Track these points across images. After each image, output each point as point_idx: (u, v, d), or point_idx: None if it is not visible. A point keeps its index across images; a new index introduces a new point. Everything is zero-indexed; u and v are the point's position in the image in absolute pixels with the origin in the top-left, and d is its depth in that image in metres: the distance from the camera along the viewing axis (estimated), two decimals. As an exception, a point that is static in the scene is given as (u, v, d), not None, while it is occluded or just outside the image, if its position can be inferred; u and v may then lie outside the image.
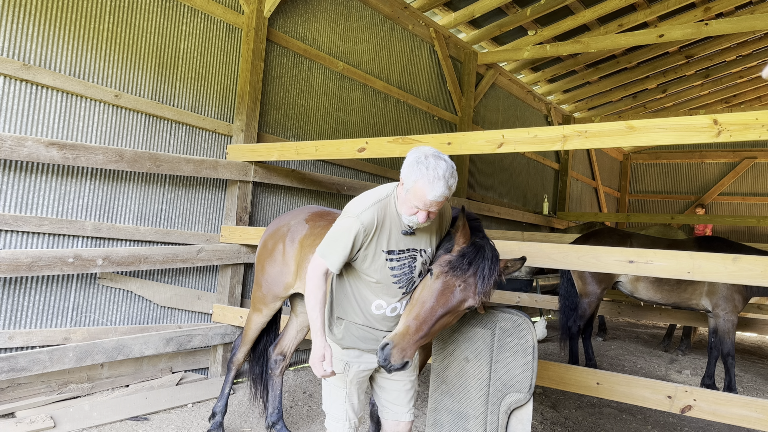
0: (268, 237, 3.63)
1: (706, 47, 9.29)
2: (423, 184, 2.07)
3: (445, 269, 2.24)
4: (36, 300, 3.91)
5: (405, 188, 2.14)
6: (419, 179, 2.08)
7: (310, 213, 3.60)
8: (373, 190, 2.33)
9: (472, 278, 2.23)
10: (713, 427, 4.76)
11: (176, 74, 4.69)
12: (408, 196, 2.13)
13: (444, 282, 2.23)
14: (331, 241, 2.25)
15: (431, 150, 2.17)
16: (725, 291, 5.57)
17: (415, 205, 2.12)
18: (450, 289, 2.23)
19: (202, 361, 4.88)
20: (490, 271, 2.25)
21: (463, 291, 2.23)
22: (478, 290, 2.23)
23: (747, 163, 13.53)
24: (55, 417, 3.62)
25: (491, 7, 7.24)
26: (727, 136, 2.78)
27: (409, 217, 2.18)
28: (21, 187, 3.78)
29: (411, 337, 2.18)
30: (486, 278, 2.24)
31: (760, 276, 2.80)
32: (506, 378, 2.39)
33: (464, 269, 2.23)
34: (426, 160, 2.11)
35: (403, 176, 2.16)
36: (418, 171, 2.09)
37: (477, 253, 2.26)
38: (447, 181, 2.09)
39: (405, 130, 7.30)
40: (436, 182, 2.07)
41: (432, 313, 2.21)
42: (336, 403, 2.40)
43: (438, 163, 2.10)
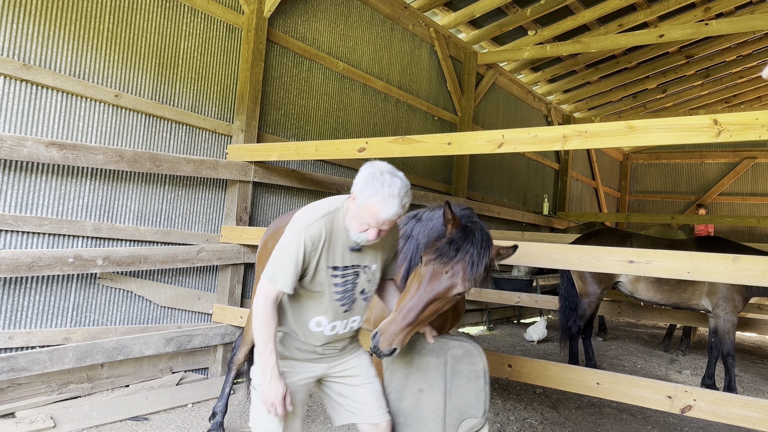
0: (269, 237, 3.64)
1: (706, 47, 9.29)
2: (377, 201, 2.01)
3: (433, 256, 2.22)
4: (36, 300, 3.91)
5: (357, 203, 2.06)
6: (373, 196, 2.02)
7: None
8: (322, 201, 2.23)
9: (459, 264, 2.20)
10: (713, 427, 4.76)
11: (176, 74, 4.69)
12: (360, 212, 2.06)
13: (432, 269, 2.21)
14: (278, 260, 2.11)
15: (386, 166, 2.11)
16: (725, 291, 5.57)
17: (367, 222, 2.06)
18: (437, 276, 2.20)
19: (202, 361, 4.88)
20: (480, 256, 2.22)
21: (451, 278, 2.20)
22: (467, 276, 2.20)
23: (747, 163, 13.53)
24: (55, 417, 3.62)
25: (491, 7, 7.24)
26: (727, 136, 2.78)
27: (358, 234, 2.11)
28: (21, 187, 3.78)
29: (398, 324, 2.17)
30: (475, 264, 2.21)
31: (760, 276, 2.80)
32: (461, 405, 2.36)
33: (451, 256, 2.21)
34: (381, 177, 2.04)
35: (355, 191, 2.08)
36: (372, 187, 2.02)
37: (466, 239, 2.24)
38: (402, 199, 2.04)
39: (405, 130, 7.30)
40: (391, 200, 2.01)
41: (419, 300, 2.19)
42: (268, 416, 2.22)
43: (393, 181, 2.04)
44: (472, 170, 8.87)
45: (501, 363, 3.49)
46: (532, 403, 5.00)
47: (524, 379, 3.42)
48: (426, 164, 7.81)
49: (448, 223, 2.30)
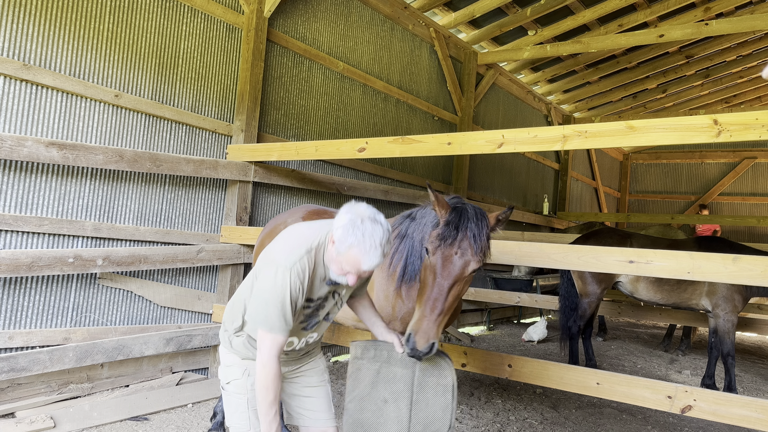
0: (266, 236, 3.64)
1: (706, 47, 9.29)
2: (358, 253, 1.99)
3: (437, 243, 2.25)
4: (36, 300, 3.91)
5: (337, 249, 2.03)
6: (354, 246, 1.98)
7: (306, 211, 3.61)
8: (302, 232, 2.18)
9: (465, 242, 2.24)
10: (713, 427, 4.76)
11: (176, 74, 4.69)
12: (340, 258, 2.03)
13: (441, 255, 2.24)
14: (269, 307, 2.04)
15: (368, 211, 2.07)
16: (725, 291, 5.57)
17: (347, 269, 2.05)
18: (449, 259, 2.24)
19: (202, 361, 4.88)
20: (479, 227, 2.26)
21: (462, 257, 2.24)
22: (475, 250, 2.24)
23: (747, 163, 13.53)
24: (55, 417, 3.62)
25: (491, 7, 7.24)
26: (727, 136, 2.78)
27: (337, 276, 2.09)
28: (21, 187, 3.78)
29: (429, 318, 2.19)
30: (477, 237, 2.25)
31: (760, 276, 2.80)
32: (426, 418, 2.33)
33: (454, 236, 2.23)
34: (363, 225, 2.00)
35: (336, 236, 2.03)
36: (353, 236, 1.99)
37: (461, 216, 2.27)
38: (383, 248, 2.03)
39: (405, 130, 7.30)
40: (372, 252, 1.99)
41: (441, 289, 2.22)
42: (238, 412, 2.25)
43: (375, 229, 2.01)
44: (472, 170, 8.87)
45: (501, 363, 3.49)
46: (532, 403, 5.00)
47: (524, 379, 3.42)
48: (426, 164, 7.81)
49: (436, 206, 2.33)
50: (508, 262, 3.54)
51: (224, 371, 2.33)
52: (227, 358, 2.33)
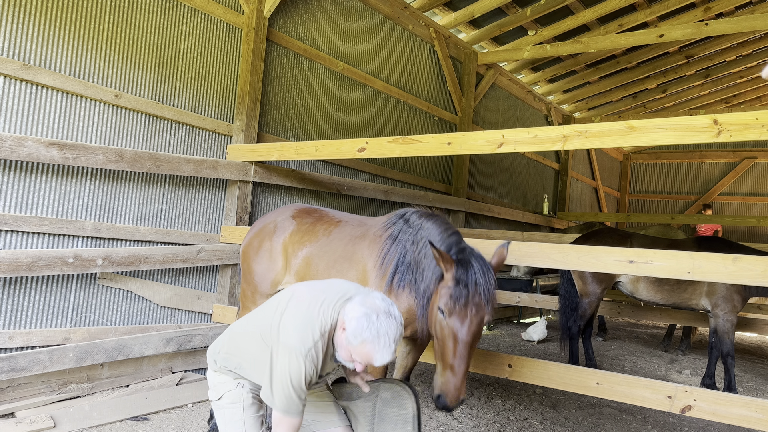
0: (254, 236, 3.65)
1: (706, 47, 9.29)
2: (371, 349, 2.01)
3: (452, 304, 2.29)
4: (36, 300, 3.91)
5: (348, 339, 2.04)
6: (368, 342, 2.00)
7: (295, 210, 3.62)
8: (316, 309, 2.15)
9: (477, 297, 2.30)
10: (713, 427, 4.76)
11: (176, 74, 4.69)
12: (351, 349, 2.05)
13: (458, 317, 2.29)
14: (285, 390, 2.05)
15: (382, 304, 2.08)
16: (724, 291, 5.57)
17: (357, 360, 2.07)
18: (465, 318, 2.29)
19: (202, 361, 4.88)
20: (487, 281, 2.33)
21: (477, 313, 2.30)
22: (487, 305, 2.31)
23: (747, 163, 13.53)
24: (55, 417, 3.62)
25: (491, 7, 7.24)
26: (727, 136, 2.78)
27: (345, 361, 2.12)
28: (21, 187, 3.78)
29: (457, 379, 2.26)
30: (487, 290, 2.31)
31: (761, 276, 2.80)
32: None
33: (465, 294, 2.28)
34: (378, 321, 2.01)
35: (349, 328, 2.04)
36: (368, 332, 2.00)
37: (467, 272, 2.32)
38: (396, 343, 2.06)
39: (405, 130, 7.30)
40: (386, 350, 2.02)
41: (464, 347, 2.29)
42: (233, 422, 2.25)
43: (389, 326, 2.02)
44: (472, 170, 8.87)
45: (501, 363, 3.49)
46: (532, 403, 5.00)
47: (524, 379, 3.42)
48: (426, 164, 7.81)
49: (440, 262, 2.36)
50: (508, 262, 3.53)
51: (215, 388, 2.32)
52: (217, 378, 2.32)
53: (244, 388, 2.27)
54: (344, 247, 3.16)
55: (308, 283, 2.34)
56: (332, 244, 3.22)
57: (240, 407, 2.26)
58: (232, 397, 2.27)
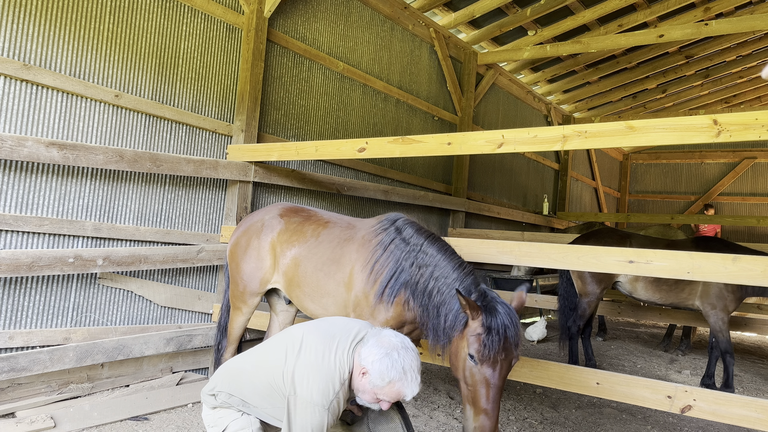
0: (241, 234, 3.65)
1: (706, 47, 9.29)
2: (401, 387, 2.07)
3: (485, 352, 2.33)
4: (36, 300, 3.91)
5: (373, 383, 2.07)
6: (396, 381, 2.06)
7: (283, 208, 3.62)
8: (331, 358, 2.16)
9: (506, 343, 2.35)
10: (713, 427, 4.76)
11: (176, 74, 4.69)
12: (377, 391, 2.08)
13: (490, 364, 2.34)
14: None
15: (396, 339, 2.14)
16: (717, 291, 5.60)
17: (386, 399, 2.10)
18: (496, 364, 2.35)
19: (202, 361, 4.88)
20: (514, 326, 2.39)
21: (507, 358, 2.36)
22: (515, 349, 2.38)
23: (747, 163, 13.53)
24: (56, 417, 3.62)
25: (491, 7, 7.24)
26: (727, 136, 2.78)
27: (368, 404, 2.14)
28: (21, 187, 3.79)
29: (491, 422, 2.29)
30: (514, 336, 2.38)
31: (760, 276, 2.80)
32: None
33: (496, 341, 2.33)
34: (399, 357, 2.07)
35: (372, 371, 2.07)
36: (394, 371, 2.05)
37: (495, 318, 2.37)
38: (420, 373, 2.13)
39: (405, 130, 7.30)
40: (414, 383, 2.10)
41: (497, 392, 2.33)
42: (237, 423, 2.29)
43: (411, 357, 2.10)
44: (472, 170, 8.88)
45: (501, 363, 3.49)
46: (532, 403, 5.00)
47: (524, 379, 3.42)
48: (426, 164, 7.81)
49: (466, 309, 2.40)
50: (508, 262, 3.54)
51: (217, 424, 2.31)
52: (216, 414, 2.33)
53: (250, 416, 2.28)
54: (332, 250, 3.18)
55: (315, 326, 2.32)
56: (321, 246, 3.25)
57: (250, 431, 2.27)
58: (240, 424, 2.26)
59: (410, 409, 4.53)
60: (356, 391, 2.15)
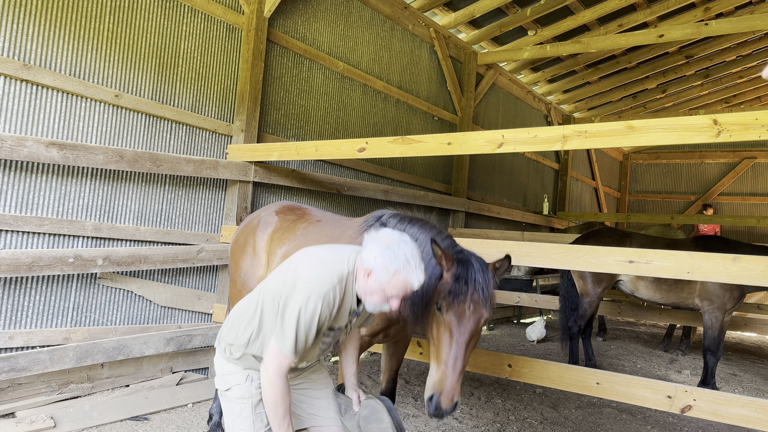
0: (240, 232, 3.67)
1: (706, 47, 9.29)
2: (406, 275, 2.02)
3: (450, 300, 2.27)
4: (36, 300, 3.91)
5: (378, 279, 2.03)
6: (400, 271, 2.01)
7: (280, 206, 3.64)
8: (331, 258, 2.15)
9: (476, 295, 2.27)
10: (713, 427, 4.76)
11: (176, 74, 4.69)
12: (383, 287, 2.03)
13: (456, 312, 2.26)
14: (289, 326, 2.02)
15: (394, 234, 2.10)
16: (714, 289, 5.62)
17: (394, 294, 2.05)
18: (463, 315, 2.26)
19: (202, 361, 4.88)
20: (486, 280, 2.30)
21: (474, 312, 2.27)
22: (485, 303, 2.28)
23: (747, 163, 13.53)
24: (56, 417, 3.62)
25: (491, 7, 7.24)
26: (727, 136, 2.78)
27: (377, 305, 2.09)
28: (21, 187, 3.79)
29: (451, 377, 2.20)
30: (486, 288, 2.29)
31: (761, 276, 2.80)
32: None
33: (465, 290, 2.27)
34: (399, 249, 2.03)
35: (376, 267, 2.03)
36: (397, 261, 2.01)
37: (467, 269, 2.31)
38: (422, 263, 2.08)
39: (405, 130, 7.30)
40: (419, 270, 2.05)
41: (460, 345, 2.24)
42: (241, 418, 2.23)
43: (412, 249, 2.06)
44: (472, 170, 8.88)
45: (501, 363, 3.49)
46: (532, 403, 5.00)
47: (524, 379, 3.42)
48: (426, 164, 7.81)
49: (442, 260, 2.35)
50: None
51: (223, 379, 2.29)
52: (226, 367, 2.29)
53: (253, 383, 2.24)
54: None
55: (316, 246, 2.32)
56: (308, 243, 3.24)
57: (249, 404, 2.23)
58: (240, 392, 2.24)
59: (410, 408, 4.54)
60: (364, 296, 2.11)
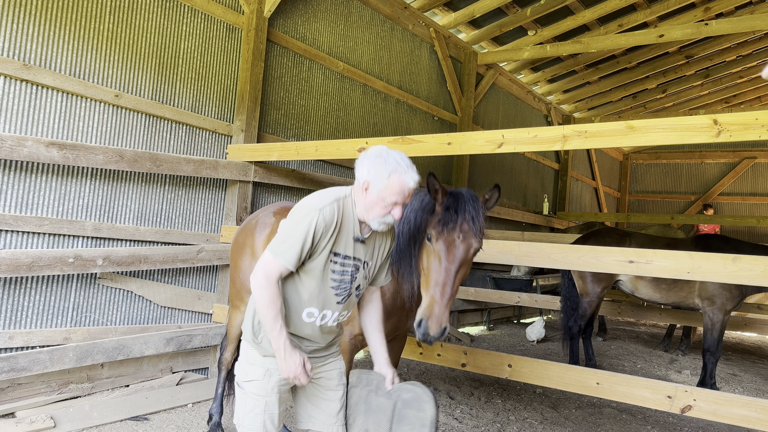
0: (239, 233, 3.67)
1: (706, 47, 9.28)
2: (400, 175, 2.09)
3: (440, 228, 2.30)
4: (36, 300, 3.91)
5: (376, 188, 2.09)
6: (394, 172, 2.09)
7: (279, 207, 3.64)
8: (328, 189, 2.23)
9: (465, 224, 2.30)
10: (713, 427, 4.76)
11: (176, 74, 4.69)
12: (382, 194, 2.10)
13: (445, 240, 2.29)
14: (286, 236, 2.08)
15: (380, 147, 2.20)
16: (713, 289, 5.61)
17: (393, 200, 2.11)
18: (453, 243, 2.29)
19: (202, 361, 4.88)
20: (476, 210, 2.33)
21: (465, 240, 2.29)
22: (475, 231, 2.30)
23: (747, 163, 13.53)
24: (55, 417, 3.62)
25: (491, 7, 7.24)
26: (727, 136, 2.78)
27: (382, 219, 2.14)
28: (21, 187, 3.78)
29: (440, 303, 2.22)
30: (476, 218, 2.32)
31: (761, 276, 2.80)
32: None
33: (455, 219, 2.29)
34: (388, 155, 2.13)
35: (369, 177, 2.10)
36: (387, 166, 2.09)
37: (457, 200, 2.34)
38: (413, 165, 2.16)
39: (405, 130, 7.30)
40: (411, 169, 2.13)
41: (448, 273, 2.25)
42: (252, 414, 2.21)
43: (399, 154, 2.16)
44: (472, 170, 8.87)
45: (501, 363, 3.49)
46: (532, 403, 5.00)
47: (524, 379, 3.42)
48: (426, 164, 7.81)
49: (437, 193, 2.39)
50: (508, 262, 3.54)
51: (244, 368, 2.26)
52: (249, 354, 2.27)
53: (271, 379, 2.22)
54: None
55: None
56: None
57: (263, 402, 2.21)
58: (257, 388, 2.22)
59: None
60: (366, 215, 2.16)
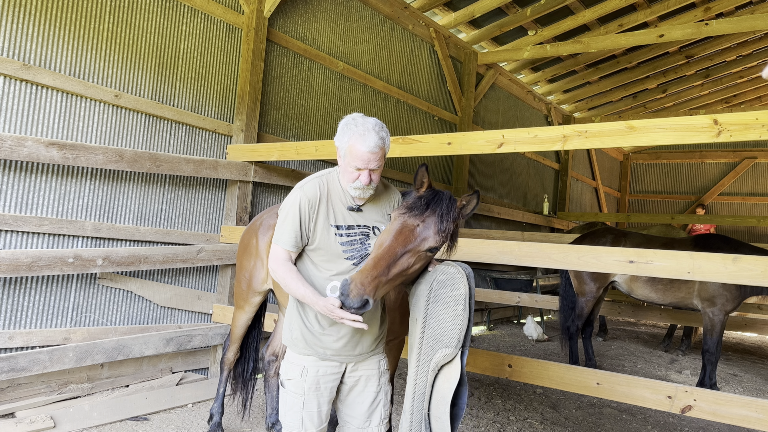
0: (244, 233, 3.69)
1: (706, 47, 9.29)
2: (356, 140, 2.15)
3: (403, 211, 2.27)
4: (36, 300, 3.91)
5: (342, 156, 2.21)
6: (351, 137, 2.16)
7: None
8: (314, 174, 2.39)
9: (431, 218, 2.24)
10: (713, 427, 4.76)
11: (176, 74, 4.69)
12: (347, 161, 2.19)
13: (402, 222, 2.23)
14: (279, 223, 2.27)
15: (358, 113, 2.26)
16: (713, 290, 5.60)
17: (355, 166, 2.17)
18: (408, 228, 2.21)
19: (202, 361, 4.88)
20: (448, 210, 2.26)
21: (423, 230, 2.22)
22: (438, 229, 2.22)
23: (747, 163, 13.52)
24: (55, 417, 3.62)
25: (491, 7, 7.24)
26: (727, 136, 2.78)
27: (353, 185, 2.21)
28: (21, 187, 3.78)
29: (369, 272, 2.09)
30: (444, 216, 2.25)
31: (761, 276, 2.80)
32: (437, 333, 2.23)
33: (422, 209, 2.25)
34: (353, 120, 2.20)
35: (337, 144, 2.23)
36: (348, 131, 2.18)
37: (435, 195, 2.32)
38: (378, 132, 2.18)
39: (405, 130, 7.30)
40: (367, 134, 2.16)
41: (389, 251, 2.15)
42: (291, 411, 2.25)
43: (365, 120, 2.20)
44: (472, 170, 8.87)
45: (501, 363, 3.49)
46: (532, 403, 5.00)
47: (524, 379, 3.42)
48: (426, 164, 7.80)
49: (422, 186, 2.36)
50: (508, 262, 3.54)
51: (284, 366, 2.34)
52: (288, 354, 2.35)
53: (307, 378, 2.24)
54: None
55: None
56: None
57: (300, 401, 2.25)
58: (295, 387, 2.27)
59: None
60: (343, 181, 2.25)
